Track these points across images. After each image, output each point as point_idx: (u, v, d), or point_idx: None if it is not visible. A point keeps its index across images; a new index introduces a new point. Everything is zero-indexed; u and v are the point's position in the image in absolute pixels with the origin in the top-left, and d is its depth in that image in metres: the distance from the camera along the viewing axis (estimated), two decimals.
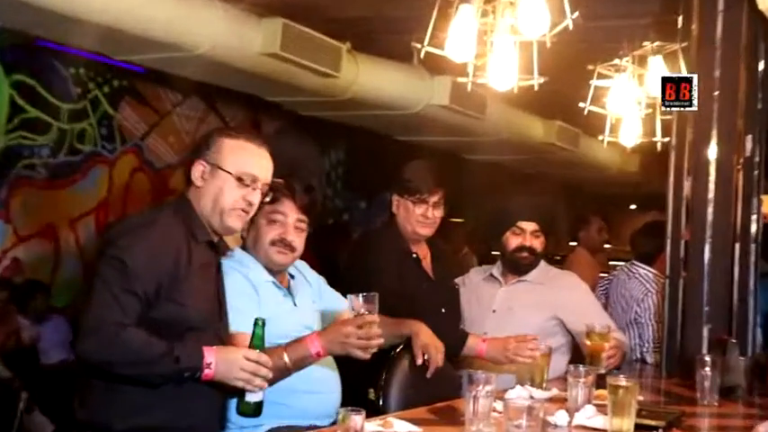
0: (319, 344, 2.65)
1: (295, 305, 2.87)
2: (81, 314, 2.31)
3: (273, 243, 2.83)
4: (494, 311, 3.63)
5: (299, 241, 2.87)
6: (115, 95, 6.58)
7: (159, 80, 6.50)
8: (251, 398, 2.43)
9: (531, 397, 2.88)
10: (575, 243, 6.39)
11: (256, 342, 2.43)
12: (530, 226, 3.62)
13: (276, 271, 2.88)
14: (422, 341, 3.09)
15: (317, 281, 3.09)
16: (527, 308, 3.60)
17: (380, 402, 3.05)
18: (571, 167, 9.09)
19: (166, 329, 2.36)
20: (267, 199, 2.59)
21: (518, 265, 3.66)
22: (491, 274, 3.76)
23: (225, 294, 2.61)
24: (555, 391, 3.02)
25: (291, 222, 2.86)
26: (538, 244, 3.64)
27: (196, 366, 2.34)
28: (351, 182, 8.84)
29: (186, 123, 7.16)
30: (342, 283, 3.09)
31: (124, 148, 6.72)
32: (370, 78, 5.97)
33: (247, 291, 2.76)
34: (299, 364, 2.66)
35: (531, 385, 3.04)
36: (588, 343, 3.27)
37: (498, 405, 2.50)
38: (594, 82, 3.99)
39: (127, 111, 6.68)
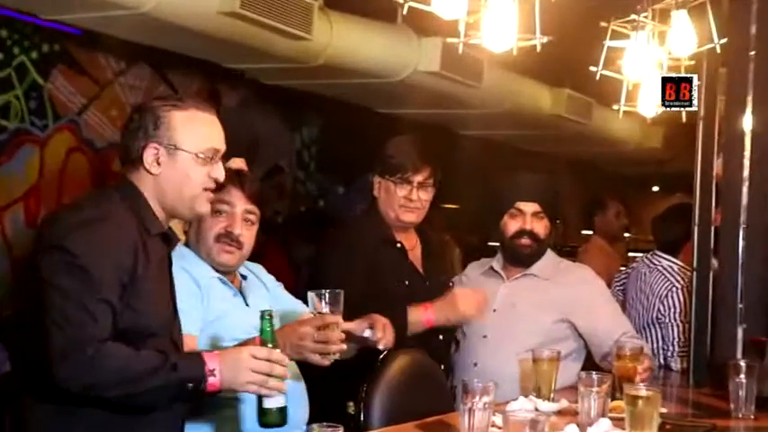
0: None
1: (247, 305, 2.89)
2: (48, 337, 2.25)
3: (218, 239, 2.85)
4: (494, 311, 3.62)
5: (247, 236, 2.89)
6: (45, 62, 6.51)
7: (98, 44, 6.45)
8: (270, 404, 2.39)
9: (537, 409, 2.90)
10: (589, 232, 6.41)
11: (265, 338, 2.41)
12: (530, 207, 3.62)
13: (224, 272, 2.89)
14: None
15: (274, 285, 3.13)
16: (533, 307, 3.61)
17: (361, 417, 3.03)
18: (583, 143, 9.11)
19: (128, 340, 2.32)
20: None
21: (518, 254, 3.66)
22: (491, 268, 3.77)
23: (176, 291, 2.61)
24: (564, 403, 3.04)
25: (239, 213, 2.88)
26: (541, 228, 3.64)
27: (198, 375, 2.30)
28: (326, 163, 8.81)
29: (131, 95, 7.09)
30: (312, 281, 3.09)
31: (57, 124, 6.65)
32: (346, 41, 5.95)
33: (191, 289, 2.78)
34: None
35: (537, 396, 3.06)
36: (617, 364, 3.26)
37: (498, 419, 2.52)
38: (608, 42, 3.99)
39: (60, 80, 6.60)
